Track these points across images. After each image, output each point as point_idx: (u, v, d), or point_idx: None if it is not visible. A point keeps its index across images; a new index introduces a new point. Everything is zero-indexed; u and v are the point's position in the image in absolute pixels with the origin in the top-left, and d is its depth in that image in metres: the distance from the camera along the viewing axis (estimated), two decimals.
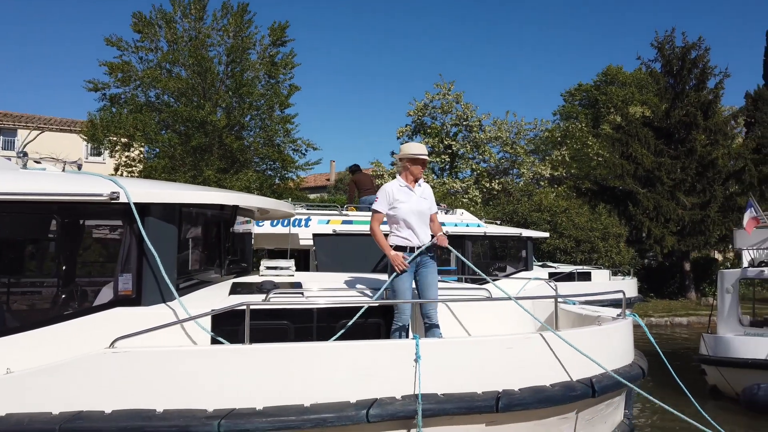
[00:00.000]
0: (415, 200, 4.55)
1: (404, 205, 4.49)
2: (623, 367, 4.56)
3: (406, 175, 4.66)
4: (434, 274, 4.65)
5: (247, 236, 6.22)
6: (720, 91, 22.98)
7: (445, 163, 29.19)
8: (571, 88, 43.66)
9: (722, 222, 20.67)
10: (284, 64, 20.98)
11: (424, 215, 4.60)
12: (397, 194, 4.52)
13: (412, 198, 4.55)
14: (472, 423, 3.63)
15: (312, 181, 44.76)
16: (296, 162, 21.86)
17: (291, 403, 3.33)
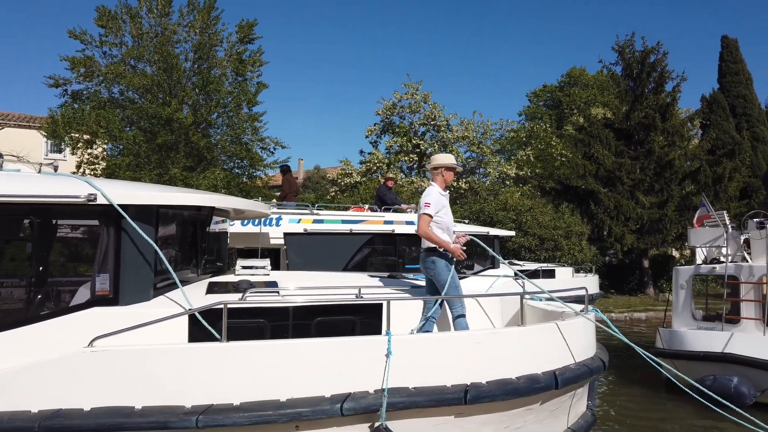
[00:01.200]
0: (448, 207, 5.16)
1: (447, 211, 5.12)
2: (586, 359, 4.77)
3: (442, 182, 5.21)
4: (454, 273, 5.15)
5: (222, 236, 6.27)
6: (677, 94, 23.77)
7: (413, 162, 29.45)
8: (536, 89, 44.61)
9: (679, 220, 21.46)
10: (252, 62, 20.83)
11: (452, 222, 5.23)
12: (442, 201, 5.09)
13: (448, 205, 5.16)
14: (442, 415, 3.78)
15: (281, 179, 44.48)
16: (264, 160, 21.74)
17: (267, 399, 3.43)
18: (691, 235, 10.05)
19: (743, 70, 35.27)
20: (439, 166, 5.22)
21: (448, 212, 5.14)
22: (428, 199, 5.00)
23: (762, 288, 8.57)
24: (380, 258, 12.13)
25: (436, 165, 5.26)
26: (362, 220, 11.79)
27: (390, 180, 13.80)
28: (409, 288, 5.61)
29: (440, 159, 5.30)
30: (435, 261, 5.05)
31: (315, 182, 40.44)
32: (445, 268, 5.00)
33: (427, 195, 5.06)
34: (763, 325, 8.41)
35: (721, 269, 9.09)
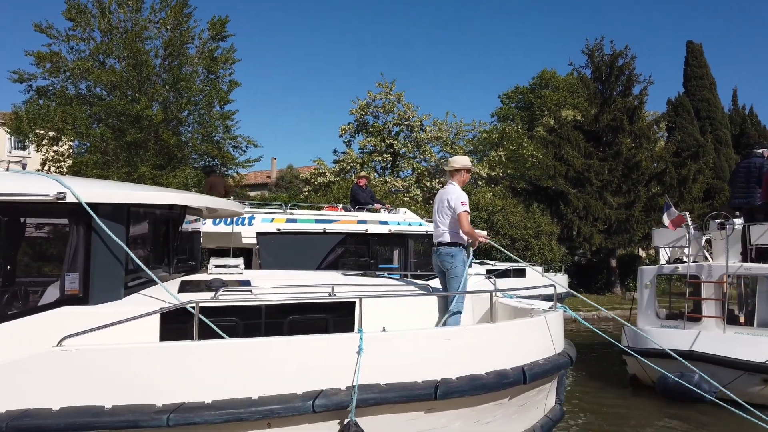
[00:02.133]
0: None
1: None
2: (553, 355, 4.89)
3: (462, 182, 5.63)
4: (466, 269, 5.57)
5: (195, 235, 6.22)
6: (644, 97, 24.41)
7: (386, 162, 29.54)
8: (508, 91, 45.14)
9: (645, 221, 22.01)
10: (224, 60, 20.65)
11: None
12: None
13: None
14: (413, 410, 3.85)
15: (252, 178, 44.07)
16: (236, 159, 21.58)
17: (239, 396, 3.44)
18: (655, 235, 10.35)
19: (707, 74, 36.33)
20: (461, 167, 5.63)
21: None
22: (464, 197, 5.36)
23: (722, 287, 8.88)
24: (353, 258, 12.17)
25: (459, 167, 5.64)
26: (335, 220, 11.80)
27: (362, 179, 13.84)
28: (382, 286, 5.66)
29: (464, 161, 5.71)
30: (455, 255, 5.37)
31: (288, 181, 40.24)
32: (462, 263, 5.40)
33: (460, 193, 5.40)
34: (723, 323, 8.71)
35: (683, 269, 9.38)
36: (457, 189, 5.47)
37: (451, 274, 5.40)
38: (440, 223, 5.49)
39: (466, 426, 4.19)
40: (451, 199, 5.39)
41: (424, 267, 13.35)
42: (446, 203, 5.42)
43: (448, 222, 5.40)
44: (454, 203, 5.35)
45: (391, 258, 12.99)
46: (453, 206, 5.34)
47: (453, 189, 5.50)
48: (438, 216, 5.52)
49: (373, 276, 7.23)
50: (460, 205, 5.30)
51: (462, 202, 5.32)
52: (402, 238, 12.45)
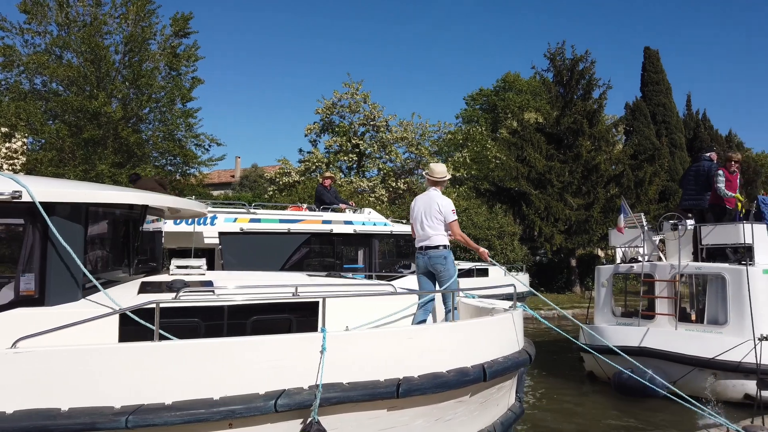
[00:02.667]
0: None
1: None
2: (513, 353, 5.01)
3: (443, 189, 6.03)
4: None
5: (156, 235, 6.13)
6: (603, 101, 25.00)
7: (352, 162, 29.54)
8: (473, 93, 45.73)
9: (604, 221, 22.60)
10: (187, 57, 20.30)
11: None
12: None
13: None
14: (375, 409, 3.89)
15: (216, 177, 43.45)
16: (199, 157, 21.23)
17: (200, 397, 3.41)
18: (612, 235, 10.67)
19: (663, 80, 37.57)
20: (445, 178, 6.04)
21: None
22: (452, 205, 5.79)
23: (674, 286, 9.22)
24: (318, 258, 12.16)
25: (443, 177, 6.01)
26: (300, 220, 11.77)
27: (327, 179, 13.83)
28: (346, 286, 5.70)
29: (445, 171, 6.10)
30: (447, 257, 5.74)
31: (252, 181, 39.80)
32: (453, 264, 5.77)
33: (448, 201, 5.80)
34: (675, 321, 9.05)
35: (638, 268, 9.71)
36: (441, 195, 5.88)
37: (444, 275, 5.73)
38: (429, 227, 5.77)
39: (427, 423, 4.25)
40: (441, 206, 5.75)
41: (389, 267, 13.45)
42: (437, 208, 5.74)
43: (435, 226, 5.75)
44: (445, 210, 5.73)
45: (356, 258, 13.04)
46: (444, 213, 5.72)
47: (439, 195, 5.88)
48: (427, 220, 5.79)
49: (338, 276, 7.25)
50: (451, 213, 5.73)
51: (452, 210, 5.76)
52: (367, 238, 12.51)
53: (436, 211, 5.75)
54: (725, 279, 8.60)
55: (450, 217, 5.74)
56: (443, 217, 5.75)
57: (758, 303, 8.23)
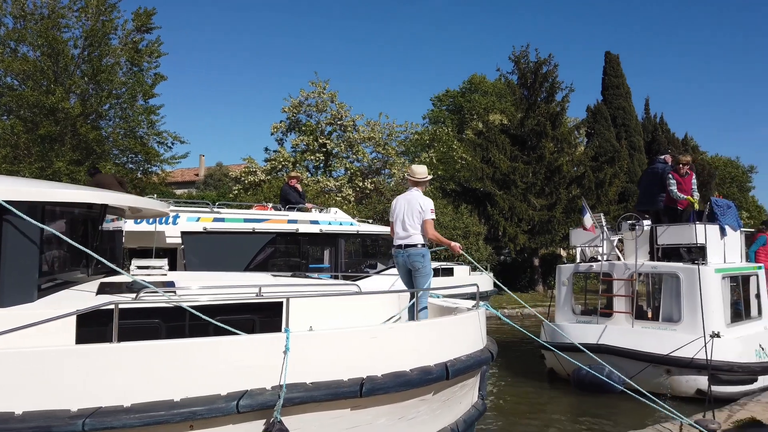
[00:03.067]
0: None
1: None
2: (475, 351, 5.09)
3: (424, 189, 6.18)
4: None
5: (117, 235, 5.99)
6: (566, 104, 25.56)
7: (319, 162, 29.41)
8: (439, 94, 46.11)
9: (566, 222, 23.11)
10: (149, 52, 19.89)
11: None
12: None
13: None
14: (338, 408, 3.90)
15: (179, 175, 42.63)
16: (161, 155, 20.84)
17: (160, 399, 3.37)
18: (573, 235, 10.93)
19: (623, 84, 38.57)
20: (426, 178, 6.20)
21: None
22: (432, 204, 5.96)
23: (631, 284, 9.50)
24: (284, 258, 12.08)
25: (424, 178, 6.18)
26: (265, 219, 11.66)
27: (293, 179, 13.75)
28: (311, 287, 5.69)
29: (425, 171, 6.26)
30: (425, 255, 5.93)
31: (217, 180, 39.20)
32: (429, 263, 5.98)
33: (429, 200, 5.97)
34: (632, 318, 9.33)
35: (597, 267, 9.98)
36: (422, 195, 6.08)
37: (421, 272, 5.95)
38: (410, 227, 5.97)
39: (390, 422, 4.29)
40: (423, 205, 5.93)
41: (355, 267, 13.46)
42: (418, 207, 5.93)
43: (416, 225, 5.94)
44: (425, 209, 5.92)
45: (322, 258, 13.00)
46: (423, 211, 5.91)
47: (420, 195, 6.06)
48: (408, 219, 5.98)
49: (303, 276, 7.23)
50: (429, 212, 5.92)
51: (431, 209, 5.95)
52: (333, 238, 12.49)
53: (419, 210, 5.94)
54: (679, 278, 8.91)
55: (428, 215, 5.92)
56: (422, 215, 5.94)
57: (710, 301, 8.56)
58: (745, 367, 8.39)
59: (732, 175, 54.15)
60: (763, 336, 9.22)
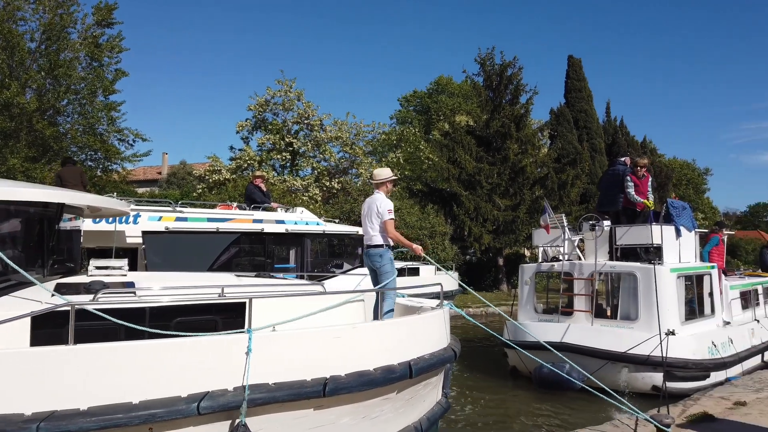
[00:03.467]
0: None
1: None
2: (439, 350, 5.15)
3: (387, 191, 6.36)
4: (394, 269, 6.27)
5: (74, 234, 5.82)
6: (530, 106, 26.00)
7: (285, 161, 29.17)
8: (407, 94, 46.29)
9: (529, 222, 23.51)
10: (110, 47, 19.40)
11: None
12: None
13: None
14: (301, 408, 3.89)
15: (141, 174, 41.70)
16: (122, 153, 20.35)
17: (119, 402, 3.31)
18: (535, 235, 11.13)
19: (585, 87, 39.48)
20: (385, 179, 6.36)
21: None
22: (390, 205, 6.13)
23: (591, 283, 9.72)
24: (248, 257, 11.93)
25: (383, 179, 6.37)
26: (230, 219, 11.50)
27: (258, 178, 13.60)
28: (274, 287, 5.65)
29: (385, 173, 6.45)
30: (383, 255, 6.09)
31: (181, 178, 38.48)
32: (390, 261, 6.11)
33: (387, 202, 6.16)
34: (591, 317, 9.55)
35: (558, 266, 10.19)
36: (383, 197, 6.24)
37: (381, 271, 6.13)
38: (370, 228, 6.20)
39: (354, 421, 4.30)
40: (379, 207, 6.14)
41: (321, 267, 13.40)
42: (375, 209, 6.15)
43: (376, 226, 6.15)
44: (382, 210, 6.11)
45: (287, 258, 12.90)
46: (381, 213, 6.10)
47: (380, 197, 6.24)
48: (367, 221, 6.24)
49: (267, 276, 7.17)
50: (386, 213, 6.10)
51: (388, 210, 6.11)
52: (299, 237, 12.41)
53: (376, 212, 6.15)
54: (636, 277, 9.16)
55: (385, 216, 6.10)
56: (380, 217, 6.13)
57: (665, 300, 8.84)
58: (698, 363, 8.67)
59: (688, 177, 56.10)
60: (716, 333, 9.56)
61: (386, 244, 6.16)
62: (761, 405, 6.57)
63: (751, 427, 5.70)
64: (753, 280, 12.27)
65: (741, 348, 9.80)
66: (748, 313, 11.25)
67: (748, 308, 11.38)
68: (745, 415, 6.16)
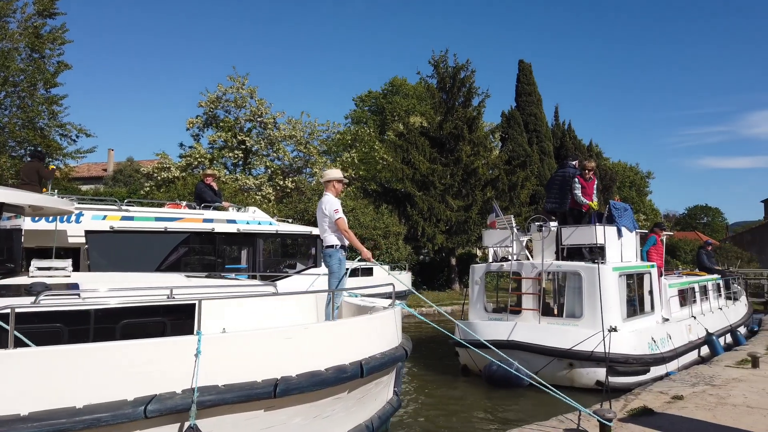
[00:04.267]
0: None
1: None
2: (390, 349, 5.20)
3: (334, 191, 6.50)
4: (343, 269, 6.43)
5: (15, 234, 5.57)
6: (482, 108, 26.54)
7: (238, 159, 28.68)
8: (362, 94, 46.32)
9: (481, 222, 23.92)
10: (52, 39, 18.60)
11: None
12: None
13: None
14: (252, 410, 3.87)
15: (85, 170, 40.14)
16: (64, 149, 19.55)
17: (62, 406, 3.22)
18: (485, 235, 11.35)
19: (535, 91, 40.51)
20: (331, 179, 6.53)
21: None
22: (336, 205, 6.28)
23: (538, 282, 10.00)
24: (198, 258, 11.69)
25: (329, 179, 6.54)
26: (179, 218, 11.24)
27: (210, 177, 13.34)
28: (225, 288, 5.58)
29: (332, 174, 6.61)
30: (331, 255, 6.29)
31: (127, 176, 37.22)
32: (338, 261, 6.28)
33: (333, 202, 6.31)
34: (539, 315, 9.82)
35: (507, 266, 10.42)
36: (330, 198, 6.38)
37: (329, 271, 6.35)
38: (321, 229, 6.41)
39: (305, 421, 4.31)
40: (326, 209, 6.31)
41: (274, 267, 13.26)
42: (322, 211, 6.34)
43: (326, 227, 6.32)
44: (328, 212, 6.27)
45: (239, 258, 12.71)
46: (328, 214, 6.24)
47: (327, 199, 6.39)
48: (319, 222, 6.44)
49: (218, 277, 7.07)
50: (333, 213, 6.26)
51: (335, 210, 6.27)
52: (251, 237, 12.25)
53: (323, 213, 6.33)
54: (581, 276, 9.48)
55: (333, 216, 6.24)
56: (328, 218, 6.25)
57: (608, 298, 9.18)
58: (638, 358, 9.04)
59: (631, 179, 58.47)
60: (655, 329, 9.99)
61: (336, 245, 6.29)
62: (697, 399, 6.90)
63: (688, 420, 5.99)
64: (690, 279, 12.89)
65: (679, 343, 10.25)
66: (686, 310, 11.77)
67: (685, 305, 11.92)
68: (681, 408, 6.45)
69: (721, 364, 9.39)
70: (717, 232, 67.89)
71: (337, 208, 6.31)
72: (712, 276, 14.12)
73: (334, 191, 6.54)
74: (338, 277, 6.25)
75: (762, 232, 49.53)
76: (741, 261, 33.73)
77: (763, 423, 5.86)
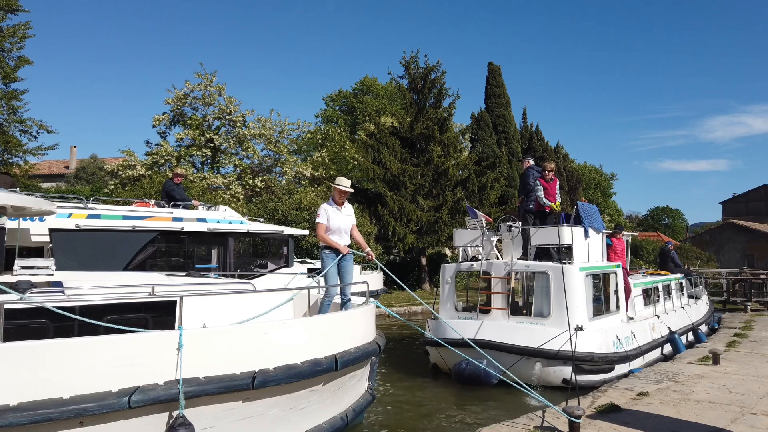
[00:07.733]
0: (341, 217, 6.89)
1: (333, 220, 6.81)
2: (364, 344, 5.33)
3: (335, 199, 6.93)
4: (351, 265, 7.00)
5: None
6: (453, 110, 26.81)
7: (206, 158, 28.30)
8: (332, 94, 46.27)
9: (451, 222, 24.23)
10: (12, 33, 18.07)
11: (346, 227, 6.96)
12: (329, 212, 6.85)
13: (339, 215, 6.89)
14: (231, 401, 4.00)
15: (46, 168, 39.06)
16: (24, 145, 19.02)
17: (49, 398, 3.33)
18: (456, 235, 11.50)
19: (504, 93, 41.07)
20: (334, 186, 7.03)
21: (338, 218, 6.86)
22: (320, 210, 6.88)
23: (507, 282, 10.18)
24: (166, 257, 11.52)
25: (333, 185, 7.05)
26: (147, 217, 11.06)
27: (178, 176, 13.16)
28: (204, 286, 5.65)
29: (335, 181, 7.05)
30: (323, 257, 6.81)
31: (91, 173, 36.36)
32: (327, 260, 6.75)
33: (319, 208, 6.91)
34: (507, 314, 9.99)
35: (477, 266, 10.58)
36: (325, 205, 6.93)
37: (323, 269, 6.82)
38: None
39: (282, 412, 4.41)
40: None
41: (244, 266, 13.15)
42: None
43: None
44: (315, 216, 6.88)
45: (209, 257, 12.58)
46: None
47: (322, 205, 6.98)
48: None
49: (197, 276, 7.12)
50: (317, 217, 6.86)
51: (318, 215, 6.86)
52: (221, 236, 12.14)
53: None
54: (549, 276, 9.70)
55: (316, 220, 6.86)
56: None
57: (574, 297, 9.41)
58: (604, 357, 9.28)
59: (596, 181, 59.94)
60: (620, 328, 10.27)
61: (325, 247, 6.87)
62: (661, 395, 7.15)
63: (653, 416, 6.20)
64: (654, 279, 13.29)
65: (643, 342, 10.55)
66: (650, 309, 12.14)
67: (649, 305, 12.29)
68: (647, 405, 6.68)
69: (683, 361, 9.71)
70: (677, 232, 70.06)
71: (320, 213, 6.85)
72: (675, 276, 14.59)
73: (335, 198, 6.97)
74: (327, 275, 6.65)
75: (720, 233, 51.34)
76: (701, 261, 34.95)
77: (724, 418, 6.10)
